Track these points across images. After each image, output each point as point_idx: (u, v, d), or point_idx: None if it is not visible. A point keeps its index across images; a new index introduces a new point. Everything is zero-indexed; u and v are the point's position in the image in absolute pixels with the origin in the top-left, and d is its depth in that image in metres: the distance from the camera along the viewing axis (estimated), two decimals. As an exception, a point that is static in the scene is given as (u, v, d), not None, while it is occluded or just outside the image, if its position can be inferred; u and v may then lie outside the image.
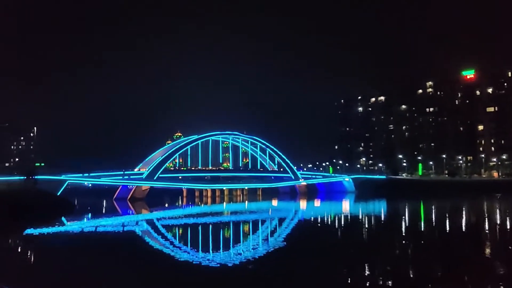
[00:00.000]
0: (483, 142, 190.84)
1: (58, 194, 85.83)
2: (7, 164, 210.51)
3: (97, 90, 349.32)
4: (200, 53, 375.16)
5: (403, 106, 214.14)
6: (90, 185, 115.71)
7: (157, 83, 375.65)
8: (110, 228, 50.81)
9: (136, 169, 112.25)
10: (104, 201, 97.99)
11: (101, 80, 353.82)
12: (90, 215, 67.85)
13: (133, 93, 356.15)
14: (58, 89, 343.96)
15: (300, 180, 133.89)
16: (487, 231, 42.64)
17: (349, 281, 22.58)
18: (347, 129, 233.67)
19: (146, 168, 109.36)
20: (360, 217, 61.02)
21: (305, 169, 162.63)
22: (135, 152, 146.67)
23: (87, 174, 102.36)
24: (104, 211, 77.38)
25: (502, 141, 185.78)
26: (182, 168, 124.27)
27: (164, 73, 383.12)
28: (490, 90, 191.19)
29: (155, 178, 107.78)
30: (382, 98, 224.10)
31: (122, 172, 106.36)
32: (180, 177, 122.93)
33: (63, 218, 58.12)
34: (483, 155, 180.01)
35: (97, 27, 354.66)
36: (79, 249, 34.52)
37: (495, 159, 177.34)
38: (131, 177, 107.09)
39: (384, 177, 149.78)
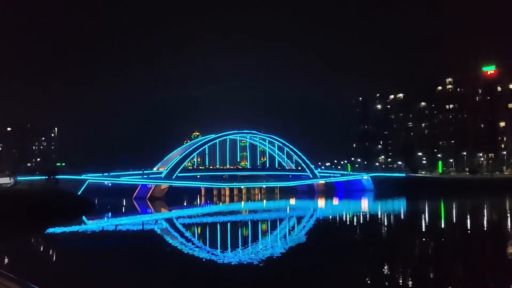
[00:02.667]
0: (504, 139, 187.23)
1: (79, 193, 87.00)
2: (29, 164, 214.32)
3: (116, 91, 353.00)
4: (217, 54, 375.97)
5: (422, 103, 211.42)
6: (110, 184, 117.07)
7: (176, 84, 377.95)
8: (130, 227, 51.33)
9: (155, 169, 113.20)
10: (124, 200, 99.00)
11: (121, 81, 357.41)
12: (110, 214, 68.59)
13: (152, 94, 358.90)
14: (78, 90, 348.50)
15: (318, 178, 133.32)
16: (509, 230, 41.88)
17: (367, 281, 22.40)
18: (365, 127, 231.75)
19: (165, 167, 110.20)
20: (379, 216, 60.51)
21: (323, 167, 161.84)
22: (154, 152, 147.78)
23: (107, 174, 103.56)
24: (123, 210, 78.20)
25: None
26: (200, 167, 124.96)
27: (183, 74, 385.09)
28: (511, 86, 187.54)
29: (173, 177, 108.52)
30: (401, 95, 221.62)
31: (141, 172, 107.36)
32: (198, 176, 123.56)
33: (83, 217, 58.87)
34: (504, 152, 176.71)
35: (117, 30, 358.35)
36: (99, 247, 34.93)
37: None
38: (150, 176, 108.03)
39: (403, 175, 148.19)
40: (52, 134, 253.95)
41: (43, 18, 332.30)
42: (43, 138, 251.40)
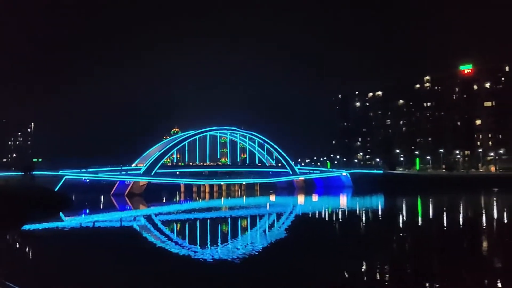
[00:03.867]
0: (480, 136, 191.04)
1: (56, 189, 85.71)
2: (4, 160, 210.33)
3: (94, 86, 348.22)
4: (197, 50, 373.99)
5: (401, 101, 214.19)
6: (87, 180, 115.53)
7: (155, 80, 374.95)
8: (108, 223, 50.84)
9: (133, 165, 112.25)
10: (102, 196, 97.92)
11: (99, 77, 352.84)
12: (88, 210, 67.78)
13: (131, 89, 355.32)
14: (56, 86, 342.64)
15: (298, 175, 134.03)
16: (484, 226, 42.77)
17: (345, 275, 22.63)
18: (345, 124, 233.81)
19: (144, 163, 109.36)
20: (358, 212, 61.13)
21: (303, 164, 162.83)
22: (133, 148, 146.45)
23: (84, 170, 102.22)
24: (102, 207, 77.34)
25: (500, 136, 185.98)
26: (180, 164, 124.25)
27: (162, 70, 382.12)
28: (487, 85, 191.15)
29: (152, 173, 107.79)
30: (380, 93, 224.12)
31: (119, 168, 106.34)
32: (177, 173, 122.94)
33: (61, 214, 58.09)
34: (480, 150, 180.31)
35: (100, 28, 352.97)
36: (76, 244, 34.53)
37: (492, 154, 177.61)
38: (129, 172, 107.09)
39: (381, 172, 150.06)
40: (29, 130, 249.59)
41: (25, 17, 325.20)
42: (19, 134, 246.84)
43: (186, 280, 22.17)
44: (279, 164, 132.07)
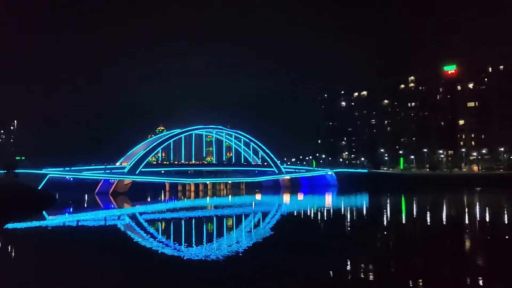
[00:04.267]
0: (463, 136, 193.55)
1: (39, 188, 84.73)
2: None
3: (78, 84, 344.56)
4: (185, 51, 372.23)
5: (386, 101, 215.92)
6: (71, 179, 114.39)
7: (140, 78, 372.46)
8: (91, 222, 50.39)
9: (118, 163, 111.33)
10: (86, 195, 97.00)
11: (84, 74, 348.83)
12: (71, 209, 67.12)
13: (116, 87, 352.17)
14: (40, 83, 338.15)
15: (284, 174, 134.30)
16: (466, 224, 43.34)
17: (330, 273, 22.76)
18: (330, 123, 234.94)
19: (128, 162, 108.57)
20: (343, 211, 61.50)
21: (288, 163, 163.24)
22: (117, 146, 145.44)
23: (68, 168, 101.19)
24: (85, 206, 76.61)
25: (482, 136, 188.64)
26: (165, 162, 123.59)
27: (148, 68, 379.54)
28: (471, 85, 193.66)
29: (137, 172, 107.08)
30: (365, 93, 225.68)
31: (104, 166, 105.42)
32: (162, 171, 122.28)
33: (44, 213, 57.43)
34: (463, 150, 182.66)
35: (84, 23, 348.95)
36: (60, 243, 34.18)
37: (475, 154, 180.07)
38: (113, 171, 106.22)
39: (366, 171, 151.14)
40: (12, 128, 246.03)
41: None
42: (2, 132, 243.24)
43: (170, 279, 22.08)
44: (265, 163, 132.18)
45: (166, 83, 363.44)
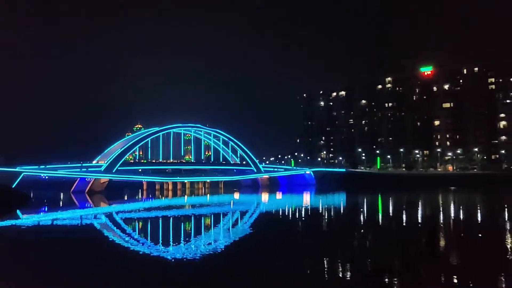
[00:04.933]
0: (439, 137, 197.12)
1: (13, 186, 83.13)
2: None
3: (56, 82, 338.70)
4: (166, 49, 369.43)
5: (363, 101, 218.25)
6: (46, 177, 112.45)
7: (118, 76, 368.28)
8: (67, 221, 49.60)
9: (94, 162, 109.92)
10: (62, 194, 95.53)
11: (60, 71, 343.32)
12: (46, 208, 65.99)
13: (93, 84, 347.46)
14: (14, 80, 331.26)
15: (263, 173, 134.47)
16: (441, 223, 44.09)
17: (308, 272, 22.87)
18: (309, 123, 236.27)
19: (105, 160, 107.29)
20: (320, 209, 61.91)
21: (267, 162, 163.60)
22: (94, 144, 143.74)
23: (43, 166, 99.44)
24: (61, 204, 75.40)
25: (457, 136, 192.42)
26: (142, 161, 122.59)
27: (126, 64, 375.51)
28: (446, 87, 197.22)
29: (114, 170, 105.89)
30: (343, 93, 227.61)
31: (80, 165, 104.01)
32: (140, 170, 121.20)
33: (18, 211, 56.32)
34: (439, 150, 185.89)
35: (57, 16, 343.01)
36: (34, 243, 33.54)
37: (450, 154, 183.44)
38: (89, 169, 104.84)
39: (343, 170, 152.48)
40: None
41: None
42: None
43: (147, 279, 21.87)
44: (244, 162, 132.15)
45: (145, 81, 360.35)
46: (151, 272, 22.97)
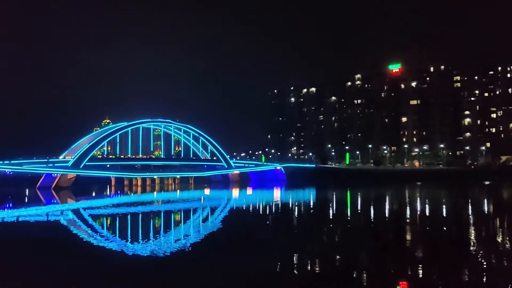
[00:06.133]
0: (406, 133, 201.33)
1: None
2: None
3: (22, 73, 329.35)
4: (135, 45, 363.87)
5: (333, 98, 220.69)
6: (11, 173, 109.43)
7: (86, 71, 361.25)
8: (32, 218, 48.41)
9: (61, 157, 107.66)
10: (27, 190, 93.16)
11: (26, 63, 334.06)
12: (10, 204, 64.23)
13: (60, 77, 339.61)
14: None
15: (233, 168, 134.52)
16: (407, 217, 45.04)
17: (278, 268, 23.00)
18: (280, 119, 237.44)
19: (72, 155, 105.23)
20: (290, 205, 62.33)
21: (238, 158, 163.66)
22: (61, 139, 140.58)
23: (8, 162, 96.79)
24: (26, 201, 73.58)
25: (424, 133, 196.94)
26: (111, 156, 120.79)
27: (93, 56, 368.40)
28: (414, 84, 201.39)
29: (81, 166, 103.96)
30: (314, 89, 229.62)
31: (46, 160, 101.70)
32: (108, 166, 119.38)
33: (-20, 208, 54.64)
34: (406, 146, 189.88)
35: (28, 17, 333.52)
36: (-3, 240, 32.61)
37: (417, 150, 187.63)
38: (56, 165, 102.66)
39: (313, 166, 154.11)
40: None
41: None
42: None
43: (114, 276, 21.57)
44: (214, 158, 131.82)
45: (114, 75, 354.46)
46: (119, 269, 22.66)
